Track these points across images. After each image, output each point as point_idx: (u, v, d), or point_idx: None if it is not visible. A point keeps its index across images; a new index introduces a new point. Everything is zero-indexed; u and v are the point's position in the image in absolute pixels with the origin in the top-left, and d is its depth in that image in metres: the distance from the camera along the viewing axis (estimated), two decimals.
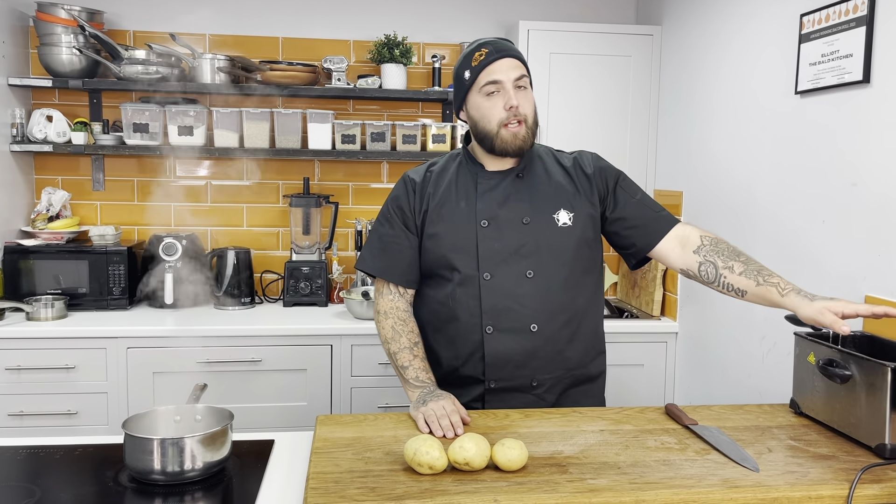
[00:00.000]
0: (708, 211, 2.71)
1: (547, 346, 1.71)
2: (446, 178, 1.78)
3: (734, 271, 1.63)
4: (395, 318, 1.77)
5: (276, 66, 3.07)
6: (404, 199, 1.78)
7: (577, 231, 1.72)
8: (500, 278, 1.69)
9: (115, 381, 2.68)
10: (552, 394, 1.75)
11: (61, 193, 3.11)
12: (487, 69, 1.66)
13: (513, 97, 1.65)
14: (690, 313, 2.87)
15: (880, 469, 1.37)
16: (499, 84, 1.66)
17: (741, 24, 2.49)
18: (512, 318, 1.69)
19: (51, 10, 2.93)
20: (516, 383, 1.72)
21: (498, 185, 1.74)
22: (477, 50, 1.69)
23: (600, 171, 1.79)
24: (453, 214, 1.73)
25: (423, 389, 1.67)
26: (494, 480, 1.29)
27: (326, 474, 1.31)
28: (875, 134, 1.85)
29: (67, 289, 2.89)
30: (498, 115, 1.66)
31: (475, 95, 1.69)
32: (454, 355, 1.74)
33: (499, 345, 1.69)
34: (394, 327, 1.76)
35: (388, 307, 1.78)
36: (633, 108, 3.15)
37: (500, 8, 3.38)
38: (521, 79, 1.67)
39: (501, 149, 1.69)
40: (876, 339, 1.68)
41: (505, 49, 1.68)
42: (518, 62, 1.68)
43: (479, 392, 1.74)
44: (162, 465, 1.35)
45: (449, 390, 1.72)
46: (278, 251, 3.37)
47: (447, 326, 1.74)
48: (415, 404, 1.64)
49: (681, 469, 1.35)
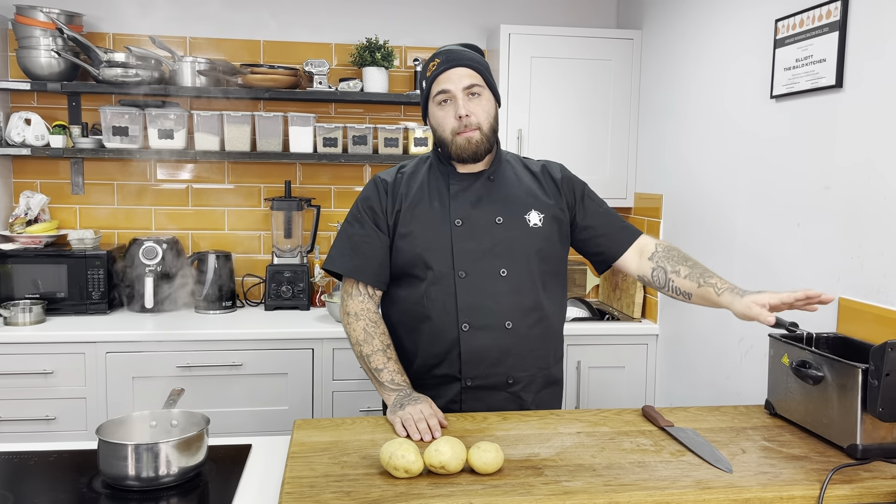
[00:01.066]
0: (686, 214, 2.73)
1: (521, 343, 1.73)
2: (418, 179, 1.80)
3: (680, 275, 1.72)
4: (366, 319, 1.76)
5: (258, 69, 3.07)
6: (375, 200, 1.78)
7: (546, 232, 1.77)
8: (475, 276, 1.71)
9: (93, 386, 2.66)
10: (529, 392, 1.78)
11: (40, 197, 3.08)
12: (438, 79, 1.71)
13: (461, 106, 1.68)
14: (671, 316, 2.89)
15: (851, 469, 1.39)
16: (449, 94, 1.70)
17: (718, 28, 2.52)
18: (487, 314, 1.71)
19: (29, 12, 2.91)
20: (492, 381, 1.74)
21: (470, 187, 1.77)
22: (432, 60, 1.75)
23: (568, 180, 1.85)
24: (427, 214, 1.75)
25: (399, 392, 1.67)
26: (470, 483, 1.30)
27: (302, 478, 1.31)
28: (847, 138, 1.88)
29: (46, 293, 2.87)
30: (450, 124, 1.71)
31: (432, 106, 1.75)
32: (430, 354, 1.75)
33: (475, 341, 1.71)
34: (366, 329, 1.75)
35: (359, 309, 1.77)
36: (613, 111, 3.17)
37: (481, 12, 3.39)
38: (472, 87, 1.70)
39: (457, 155, 1.73)
40: (848, 341, 1.70)
41: (456, 59, 1.71)
42: (470, 70, 1.71)
43: (457, 391, 1.75)
44: (136, 470, 1.34)
45: (425, 391, 1.73)
46: (260, 255, 3.36)
47: (421, 326, 1.74)
48: (392, 408, 1.64)
49: (655, 471, 1.36)
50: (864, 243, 1.81)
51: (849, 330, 1.81)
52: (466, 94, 1.69)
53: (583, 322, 3.09)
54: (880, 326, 1.71)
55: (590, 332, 2.97)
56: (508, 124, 3.09)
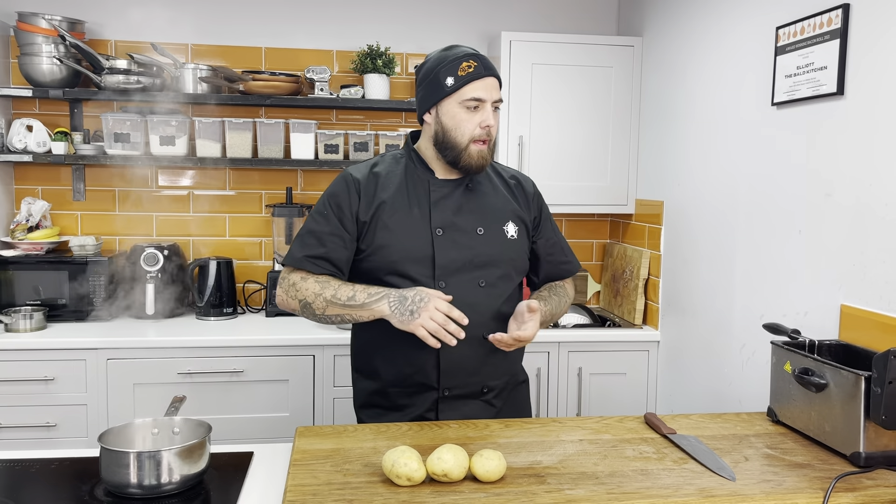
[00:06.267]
0: (687, 220, 2.73)
1: (497, 352, 1.73)
2: (394, 181, 1.75)
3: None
4: (313, 278, 1.69)
5: (259, 76, 3.07)
6: (344, 198, 1.73)
7: (520, 243, 1.81)
8: (455, 287, 1.69)
9: (94, 392, 2.66)
10: (500, 399, 1.80)
11: (41, 203, 3.09)
12: (474, 84, 1.68)
13: (490, 117, 1.69)
14: (672, 322, 2.89)
15: (854, 477, 1.39)
16: (482, 102, 1.69)
17: (720, 35, 2.52)
18: (466, 326, 1.67)
19: (32, 19, 2.92)
20: (468, 390, 1.75)
21: (451, 194, 1.75)
22: (465, 60, 1.69)
23: (536, 197, 1.90)
24: (406, 221, 1.71)
25: (388, 298, 1.61)
26: (472, 491, 1.29)
27: (304, 486, 1.31)
28: (848, 145, 1.88)
29: (47, 300, 2.87)
30: (472, 131, 1.69)
31: (453, 104, 1.70)
32: (406, 363, 1.72)
33: (454, 353, 1.68)
34: (317, 281, 1.68)
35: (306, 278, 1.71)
36: (614, 118, 3.17)
37: (482, 19, 3.40)
38: (498, 101, 1.73)
39: (465, 164, 1.71)
40: (851, 348, 1.70)
41: (491, 68, 1.72)
42: (498, 84, 1.73)
43: (432, 400, 1.74)
44: (138, 478, 1.34)
45: (400, 400, 1.74)
46: (261, 261, 3.36)
47: (398, 334, 1.66)
48: (400, 316, 1.58)
49: (658, 479, 1.36)
50: (866, 250, 1.81)
51: (851, 337, 1.81)
52: (493, 106, 1.71)
53: (584, 329, 3.09)
54: (882, 333, 1.71)
55: (591, 338, 2.97)
56: (509, 131, 3.10)
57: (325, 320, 1.69)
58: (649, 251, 3.05)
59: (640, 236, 3.16)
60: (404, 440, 1.54)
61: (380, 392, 1.78)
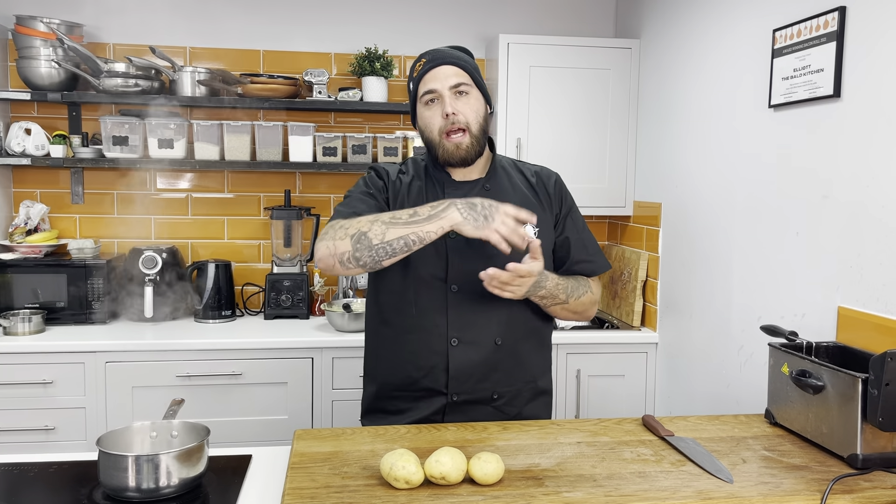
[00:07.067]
0: (685, 222, 2.74)
1: (509, 358, 1.71)
2: (416, 185, 1.75)
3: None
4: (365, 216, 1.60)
5: (257, 79, 3.08)
6: (377, 182, 1.74)
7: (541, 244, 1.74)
8: (467, 291, 1.67)
9: (93, 395, 2.66)
10: (514, 406, 1.75)
11: (39, 206, 3.09)
12: (424, 79, 1.68)
13: (448, 104, 1.65)
14: (670, 324, 2.89)
15: (852, 479, 1.39)
16: (435, 93, 1.66)
17: (717, 38, 2.53)
18: (477, 330, 1.67)
19: (30, 23, 2.92)
20: (478, 396, 1.71)
21: (466, 196, 1.72)
22: (418, 61, 1.71)
23: (559, 191, 1.82)
24: None
25: (454, 204, 1.52)
26: (470, 494, 1.29)
27: (302, 489, 1.31)
28: (845, 147, 1.89)
29: (45, 303, 2.87)
30: (437, 124, 1.67)
31: (420, 107, 1.71)
32: (415, 366, 1.70)
33: (463, 357, 1.67)
34: (369, 216, 1.58)
35: None
36: (612, 120, 3.18)
37: (480, 21, 3.41)
38: (459, 85, 1.66)
39: (445, 159, 1.69)
40: (848, 350, 1.70)
41: (442, 57, 1.68)
42: (457, 69, 1.67)
43: (440, 405, 1.71)
44: (137, 481, 1.34)
45: (407, 403, 1.71)
46: (259, 264, 3.36)
47: (408, 337, 1.68)
48: (474, 222, 1.50)
49: (656, 481, 1.36)
50: (863, 252, 1.81)
51: (848, 339, 1.81)
52: (453, 92, 1.66)
53: (582, 331, 3.09)
54: (880, 335, 1.71)
55: (589, 340, 2.97)
56: (507, 133, 3.10)
57: (384, 251, 1.52)
58: (647, 253, 3.06)
59: (639, 238, 3.16)
60: (402, 443, 1.54)
61: (387, 397, 1.76)
